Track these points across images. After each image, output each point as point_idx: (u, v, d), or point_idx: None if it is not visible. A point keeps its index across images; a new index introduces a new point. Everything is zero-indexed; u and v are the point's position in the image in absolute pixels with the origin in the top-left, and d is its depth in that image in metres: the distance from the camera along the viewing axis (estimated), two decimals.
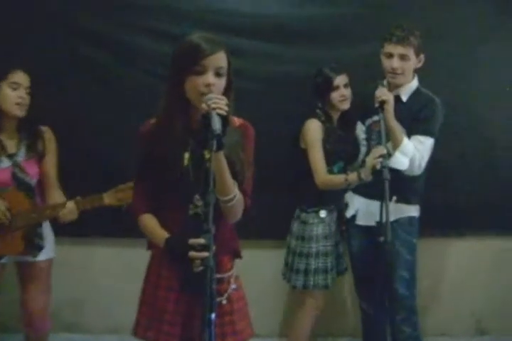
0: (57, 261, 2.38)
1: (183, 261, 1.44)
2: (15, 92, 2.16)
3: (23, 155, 2.23)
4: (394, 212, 1.93)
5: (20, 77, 2.18)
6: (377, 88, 2.29)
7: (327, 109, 2.51)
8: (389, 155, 2.13)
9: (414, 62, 2.33)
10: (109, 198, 2.09)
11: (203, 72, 1.48)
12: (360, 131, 2.56)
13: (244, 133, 1.62)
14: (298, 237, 2.52)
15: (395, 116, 2.26)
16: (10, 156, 2.20)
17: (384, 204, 1.90)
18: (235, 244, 1.72)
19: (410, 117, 2.34)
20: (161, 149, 1.56)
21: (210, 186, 1.33)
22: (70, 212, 2.13)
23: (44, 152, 2.26)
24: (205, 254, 1.36)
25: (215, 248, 1.33)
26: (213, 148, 1.34)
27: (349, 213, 2.56)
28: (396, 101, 2.29)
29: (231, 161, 1.50)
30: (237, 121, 1.63)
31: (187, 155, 1.57)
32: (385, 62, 2.34)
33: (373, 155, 2.13)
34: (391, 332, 2.28)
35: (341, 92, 2.47)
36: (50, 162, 2.28)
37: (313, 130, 2.46)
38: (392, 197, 2.01)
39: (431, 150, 2.36)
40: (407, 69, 2.32)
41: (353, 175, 2.31)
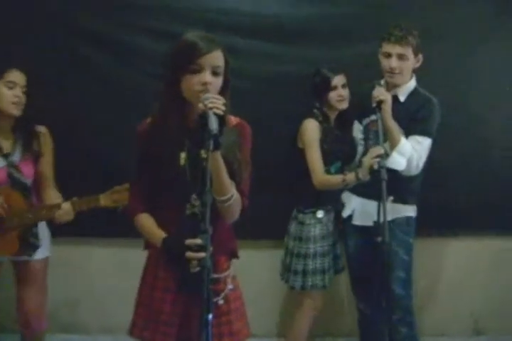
0: (53, 261, 2.37)
1: (180, 261, 1.43)
2: (11, 91, 2.15)
3: (18, 155, 2.22)
4: (391, 211, 1.94)
5: (16, 76, 2.17)
6: (374, 88, 2.28)
7: (324, 109, 2.51)
8: (386, 155, 2.13)
9: (413, 62, 2.32)
10: (105, 200, 2.08)
11: (199, 70, 1.48)
12: (358, 130, 2.56)
13: (240, 132, 1.61)
14: (295, 238, 2.52)
15: (392, 116, 2.26)
16: (5, 156, 2.19)
17: (382, 204, 1.90)
18: (232, 244, 1.71)
19: (408, 117, 2.34)
20: (157, 148, 1.56)
21: (207, 186, 1.33)
22: (65, 213, 2.11)
23: (40, 152, 2.25)
24: (202, 255, 1.35)
25: (211, 248, 1.32)
26: (210, 148, 1.33)
27: (345, 213, 2.55)
28: (394, 101, 2.29)
29: (228, 161, 1.49)
30: (233, 120, 1.63)
31: (183, 155, 1.56)
32: (383, 62, 2.34)
33: (371, 155, 2.13)
34: (388, 333, 2.29)
35: (339, 92, 2.47)
36: (46, 162, 2.27)
37: (311, 130, 2.46)
38: (388, 197, 2.01)
39: (428, 150, 2.36)
40: (405, 69, 2.31)
41: (350, 175, 2.30)
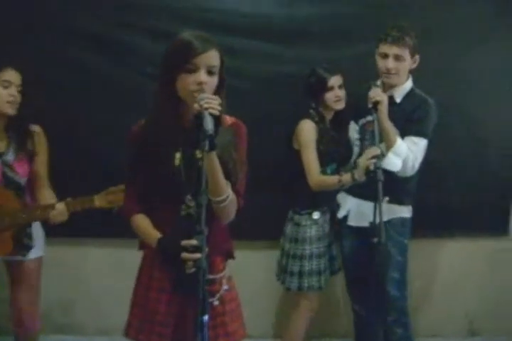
0: (48, 261, 2.36)
1: (176, 262, 1.43)
2: (6, 90, 2.14)
3: (12, 154, 2.20)
4: (386, 212, 1.94)
5: (12, 75, 2.15)
6: (370, 88, 2.28)
7: (321, 110, 2.51)
8: (382, 155, 2.13)
9: (409, 63, 2.32)
10: (99, 200, 2.07)
11: (194, 70, 1.47)
12: (354, 130, 2.55)
13: (236, 132, 1.61)
14: (291, 239, 2.51)
15: (388, 116, 2.25)
16: None
17: (378, 205, 1.90)
18: (228, 244, 1.70)
19: (404, 118, 2.34)
20: (151, 149, 1.55)
21: (202, 187, 1.32)
22: (59, 214, 2.10)
23: (34, 151, 2.24)
24: (198, 256, 1.34)
25: (207, 249, 1.32)
26: (206, 148, 1.33)
27: (341, 214, 2.55)
28: (390, 102, 2.28)
29: (223, 161, 1.49)
30: (229, 119, 1.62)
31: (178, 155, 1.55)
32: (379, 63, 2.33)
33: (367, 155, 2.12)
34: (383, 334, 2.29)
35: (336, 93, 2.46)
36: (40, 161, 2.26)
37: (307, 131, 2.45)
38: (384, 198, 2.02)
39: (424, 151, 2.36)
40: (401, 70, 2.31)
41: (346, 176, 2.30)
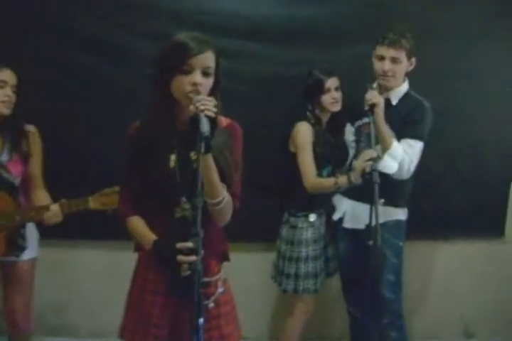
0: (42, 263, 2.35)
1: (171, 264, 1.42)
2: (1, 90, 2.12)
3: (6, 154, 2.19)
4: (381, 214, 1.94)
5: (7, 75, 2.14)
6: (366, 91, 2.28)
7: (317, 112, 2.50)
8: (378, 158, 2.12)
9: (406, 66, 2.32)
10: (94, 202, 2.07)
11: (189, 71, 1.47)
12: (349, 132, 2.55)
13: (231, 134, 1.60)
14: (287, 241, 2.51)
15: (384, 119, 2.25)
16: None
17: (374, 207, 1.89)
18: (224, 247, 1.70)
19: (400, 120, 2.34)
20: (146, 150, 1.54)
21: (198, 189, 1.31)
22: (54, 215, 2.09)
23: (29, 151, 2.23)
24: (193, 258, 1.34)
25: (203, 251, 1.31)
26: (202, 150, 1.32)
27: (336, 216, 2.55)
28: (386, 104, 2.29)
29: (219, 163, 1.48)
30: (224, 121, 1.61)
31: (173, 157, 1.55)
32: (376, 65, 2.34)
33: (363, 158, 2.12)
34: (378, 336, 2.28)
35: (332, 95, 2.46)
36: (35, 162, 2.25)
37: (303, 133, 2.45)
38: (379, 200, 2.02)
39: (420, 154, 2.36)
40: (398, 72, 2.32)
41: (342, 179, 2.30)
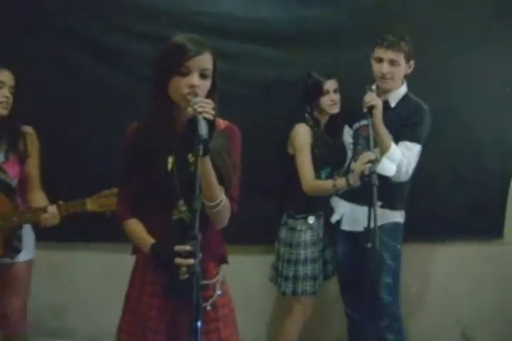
0: (39, 265, 2.34)
1: (169, 267, 1.41)
2: None
3: (3, 155, 2.18)
4: (379, 217, 1.94)
5: (5, 76, 2.14)
6: (365, 93, 2.28)
7: (315, 114, 2.50)
8: (377, 160, 2.12)
9: (404, 68, 2.33)
10: (92, 204, 2.06)
11: (187, 73, 1.46)
12: (348, 135, 2.55)
13: (229, 136, 1.59)
14: (286, 244, 2.50)
15: (382, 121, 2.25)
16: None
17: (372, 209, 1.89)
18: (222, 249, 1.69)
19: (398, 123, 2.34)
20: (144, 153, 1.54)
21: (196, 192, 1.31)
22: (51, 217, 2.09)
23: (26, 152, 2.22)
24: (191, 261, 1.33)
25: (201, 254, 1.31)
26: (200, 153, 1.31)
27: (334, 218, 2.54)
28: (384, 106, 2.29)
29: (217, 166, 1.48)
30: (222, 123, 1.61)
31: (171, 159, 1.54)
32: (374, 67, 2.34)
33: (362, 160, 2.12)
34: (376, 339, 2.28)
35: (331, 97, 2.46)
36: (32, 163, 2.25)
37: (302, 135, 2.45)
38: (376, 203, 2.02)
39: (418, 156, 2.36)
40: (396, 75, 2.32)
41: (341, 181, 2.29)
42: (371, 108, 2.21)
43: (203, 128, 1.33)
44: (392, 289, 2.42)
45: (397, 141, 2.31)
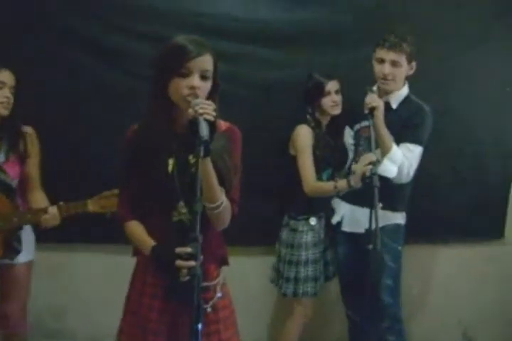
0: (40, 266, 2.34)
1: (170, 269, 1.41)
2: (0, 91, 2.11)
3: (3, 155, 2.18)
4: (380, 219, 1.94)
5: (6, 76, 2.14)
6: (366, 94, 2.27)
7: (317, 115, 2.50)
8: (378, 162, 2.12)
9: (406, 69, 2.32)
10: (93, 205, 2.05)
11: (187, 74, 1.46)
12: (349, 136, 2.55)
13: (230, 137, 1.59)
14: (287, 245, 2.50)
15: (384, 122, 2.25)
16: None
17: (373, 211, 1.88)
18: (222, 251, 1.69)
19: (399, 124, 2.33)
20: (145, 154, 1.53)
21: (197, 194, 1.30)
22: (52, 218, 2.08)
23: (26, 153, 2.22)
24: (193, 263, 1.33)
25: (202, 256, 1.30)
26: (201, 154, 1.31)
27: (334, 219, 2.54)
28: (385, 107, 2.28)
29: (218, 167, 1.47)
30: (223, 124, 1.60)
31: (171, 161, 1.53)
32: (376, 68, 2.33)
33: (363, 162, 2.11)
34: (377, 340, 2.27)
35: (333, 98, 2.45)
36: (32, 163, 2.24)
37: (304, 136, 2.44)
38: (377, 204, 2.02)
39: (419, 158, 2.35)
40: (398, 76, 2.31)
41: (342, 182, 2.29)
42: (372, 109, 2.20)
43: (204, 130, 1.32)
44: (393, 291, 2.41)
45: (398, 142, 2.31)
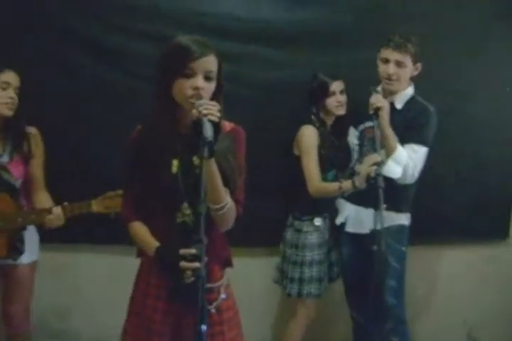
0: (44, 267, 2.33)
1: (174, 270, 1.41)
2: (4, 92, 2.12)
3: (7, 156, 2.18)
4: (384, 219, 1.93)
5: (11, 77, 2.14)
6: (371, 94, 2.26)
7: (321, 115, 2.49)
8: (383, 162, 2.11)
9: (411, 70, 2.31)
10: (97, 205, 2.05)
11: (191, 75, 1.45)
12: (353, 136, 2.54)
13: (234, 138, 1.58)
14: (292, 245, 2.49)
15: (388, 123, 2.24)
16: None
17: (378, 212, 1.88)
18: (226, 252, 1.68)
19: (404, 125, 2.32)
20: (149, 155, 1.53)
21: (201, 195, 1.30)
22: (56, 218, 2.08)
23: (30, 153, 2.22)
24: (197, 265, 1.33)
25: (206, 258, 1.30)
26: (205, 155, 1.31)
27: (338, 220, 2.53)
28: (390, 108, 2.27)
29: (222, 168, 1.47)
30: (227, 125, 1.60)
31: (176, 162, 1.53)
32: (380, 68, 2.32)
33: (368, 162, 2.11)
34: None
35: (337, 98, 2.45)
36: (36, 163, 2.24)
37: (309, 136, 2.44)
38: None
39: (424, 159, 2.34)
40: (402, 76, 2.30)
41: (347, 183, 2.28)
42: (377, 109, 2.19)
43: (208, 131, 1.32)
44: (397, 292, 2.41)
45: (402, 143, 2.30)
